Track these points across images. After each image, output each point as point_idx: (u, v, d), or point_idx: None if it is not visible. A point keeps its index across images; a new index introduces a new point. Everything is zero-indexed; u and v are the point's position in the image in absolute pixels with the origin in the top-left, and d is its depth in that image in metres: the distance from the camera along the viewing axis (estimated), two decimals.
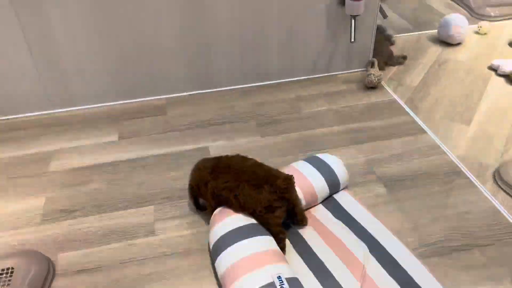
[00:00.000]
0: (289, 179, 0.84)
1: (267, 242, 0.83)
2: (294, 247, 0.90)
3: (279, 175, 0.86)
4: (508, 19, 1.88)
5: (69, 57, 1.28)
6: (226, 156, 0.94)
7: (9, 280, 0.81)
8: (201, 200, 0.98)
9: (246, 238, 0.82)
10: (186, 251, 0.91)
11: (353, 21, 1.34)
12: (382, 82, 1.47)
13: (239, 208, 0.85)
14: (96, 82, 1.34)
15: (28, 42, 1.22)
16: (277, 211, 0.84)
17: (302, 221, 0.92)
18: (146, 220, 0.99)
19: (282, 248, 0.86)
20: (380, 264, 0.85)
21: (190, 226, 0.97)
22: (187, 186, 1.05)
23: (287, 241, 0.90)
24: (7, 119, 1.35)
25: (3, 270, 0.83)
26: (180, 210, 1.01)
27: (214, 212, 0.90)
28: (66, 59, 1.28)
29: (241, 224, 0.85)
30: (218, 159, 0.94)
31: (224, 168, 0.89)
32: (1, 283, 0.81)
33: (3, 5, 1.15)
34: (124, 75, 1.35)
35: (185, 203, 1.03)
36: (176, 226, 0.97)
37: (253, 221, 0.86)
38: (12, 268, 0.83)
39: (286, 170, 0.95)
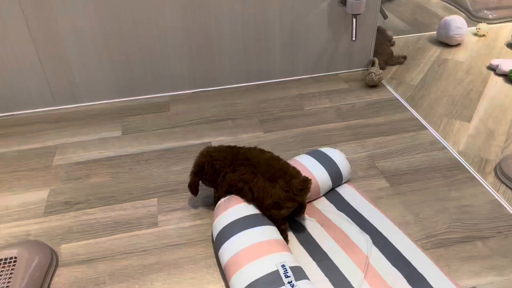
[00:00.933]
0: (306, 182, 0.82)
1: (271, 231, 0.83)
2: (297, 238, 0.90)
3: (296, 175, 0.85)
4: (506, 21, 1.91)
5: (74, 54, 1.29)
6: (245, 148, 0.93)
7: (12, 269, 0.81)
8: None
9: (250, 227, 0.82)
10: (189, 242, 0.91)
11: (354, 20, 1.36)
12: (383, 81, 1.48)
13: (251, 199, 0.86)
14: (101, 79, 1.36)
15: (34, 40, 1.24)
16: (284, 210, 0.84)
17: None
18: (149, 212, 0.99)
19: (285, 238, 0.86)
20: (383, 255, 0.85)
21: (193, 218, 0.97)
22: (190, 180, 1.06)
23: (290, 233, 0.90)
24: (13, 114, 1.36)
25: (6, 259, 0.83)
26: (183, 202, 1.01)
27: (218, 202, 0.90)
28: (71, 56, 1.29)
29: (245, 214, 0.85)
30: (238, 150, 0.92)
31: (243, 161, 0.88)
32: (5, 272, 0.81)
33: (11, 2, 1.17)
34: (128, 73, 1.36)
35: (188, 196, 1.03)
36: (179, 218, 0.97)
37: (257, 211, 0.86)
38: (15, 258, 0.83)
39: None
